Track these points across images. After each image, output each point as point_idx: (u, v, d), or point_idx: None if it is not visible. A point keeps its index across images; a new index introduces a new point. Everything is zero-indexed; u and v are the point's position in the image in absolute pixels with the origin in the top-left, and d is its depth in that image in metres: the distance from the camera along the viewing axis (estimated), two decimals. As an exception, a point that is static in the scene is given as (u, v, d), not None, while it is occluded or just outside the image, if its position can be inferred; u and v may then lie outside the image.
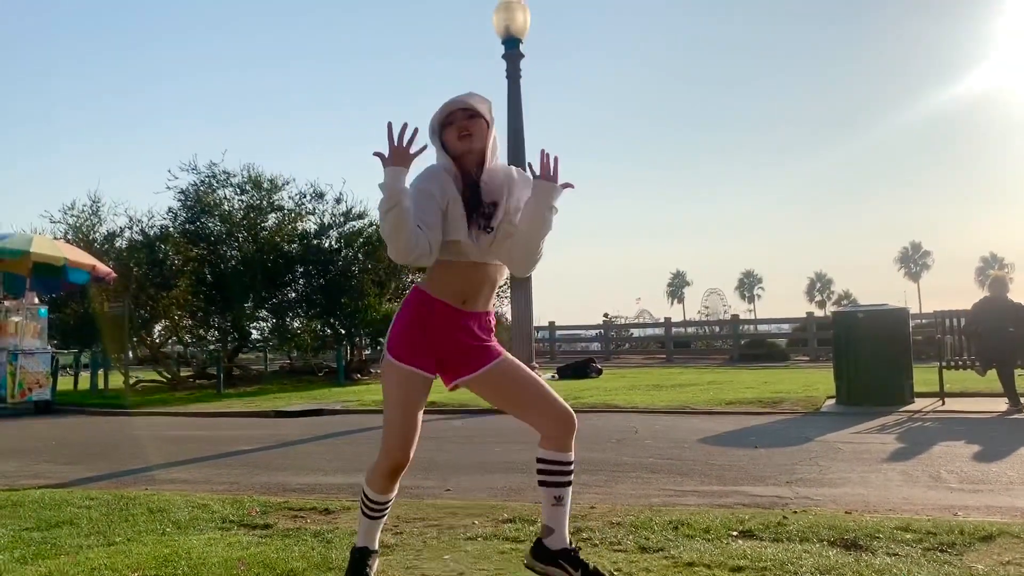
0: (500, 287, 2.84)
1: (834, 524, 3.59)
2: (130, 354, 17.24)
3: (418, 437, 2.72)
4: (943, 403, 8.85)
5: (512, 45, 10.50)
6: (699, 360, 22.48)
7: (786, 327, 25.58)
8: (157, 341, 19.30)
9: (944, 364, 9.10)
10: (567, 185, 2.65)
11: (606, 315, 38.94)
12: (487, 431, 8.31)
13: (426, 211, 2.54)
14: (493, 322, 2.82)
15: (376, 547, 2.92)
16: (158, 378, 18.35)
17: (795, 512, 3.96)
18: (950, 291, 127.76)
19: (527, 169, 2.74)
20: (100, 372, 18.28)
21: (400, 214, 2.44)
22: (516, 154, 10.60)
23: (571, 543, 2.77)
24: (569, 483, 2.74)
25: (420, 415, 2.73)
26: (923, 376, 9.66)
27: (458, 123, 2.63)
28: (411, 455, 2.72)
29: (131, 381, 16.42)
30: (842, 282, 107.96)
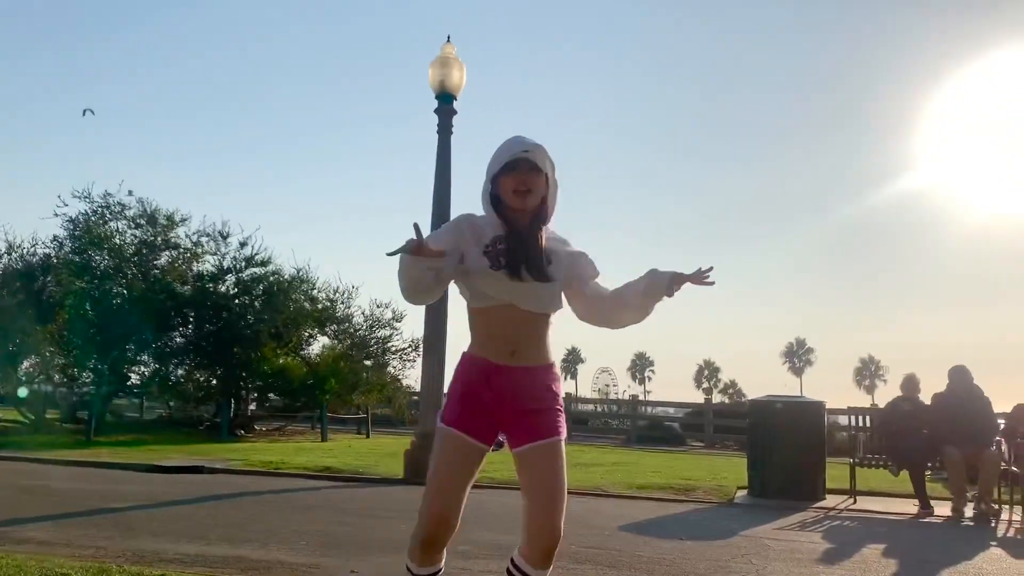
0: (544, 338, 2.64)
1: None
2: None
3: (460, 512, 2.49)
4: (855, 501, 8.72)
5: (446, 100, 10.19)
6: (597, 439, 22.15)
7: (673, 410, 25.74)
8: (23, 378, 17.75)
9: (856, 462, 9.00)
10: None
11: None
12: (389, 504, 7.67)
13: (438, 237, 2.50)
14: (558, 381, 2.60)
15: None
16: (20, 418, 16.84)
17: (750, 621, 3.56)
18: (830, 388, 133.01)
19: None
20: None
21: (406, 260, 2.39)
22: (441, 204, 10.20)
23: None
24: None
25: (464, 488, 2.51)
26: (829, 472, 9.52)
27: (519, 174, 2.50)
28: (450, 528, 2.48)
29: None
30: (729, 371, 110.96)
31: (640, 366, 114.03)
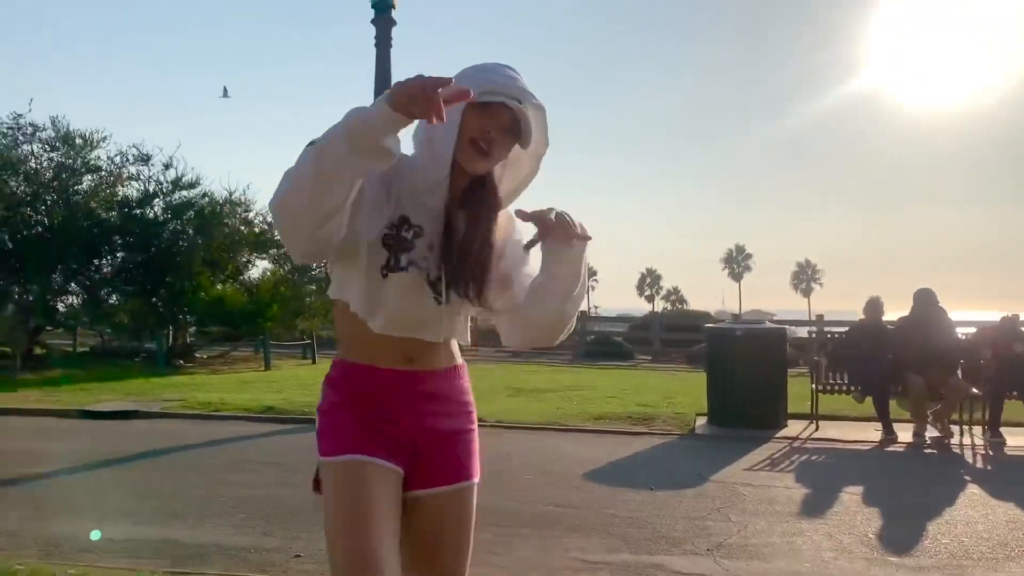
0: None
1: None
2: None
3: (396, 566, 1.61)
4: (817, 428, 8.54)
5: (383, 9, 9.33)
6: (544, 355, 21.95)
7: (620, 326, 25.78)
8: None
9: (820, 388, 8.79)
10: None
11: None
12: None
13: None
14: (468, 386, 1.88)
15: None
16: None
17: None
18: (767, 292, 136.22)
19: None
20: None
21: (332, 160, 1.48)
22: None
23: None
24: None
25: (391, 532, 1.64)
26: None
27: (492, 125, 1.64)
28: None
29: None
30: (671, 278, 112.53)
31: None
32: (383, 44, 9.51)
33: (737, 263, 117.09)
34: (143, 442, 7.52)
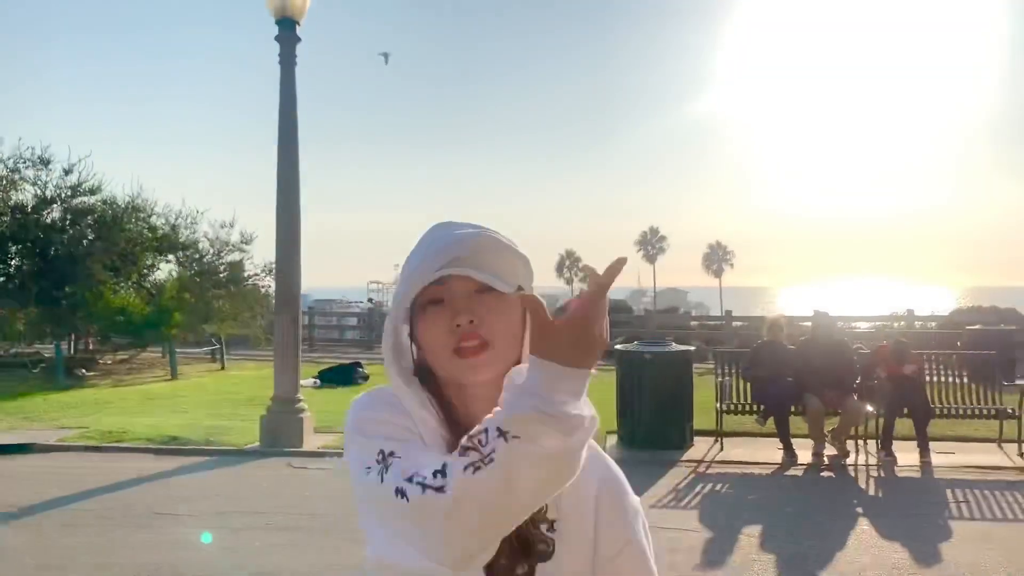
0: None
1: None
2: None
3: None
4: (722, 448, 8.78)
5: (288, 26, 9.07)
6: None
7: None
8: None
9: (724, 408, 9.03)
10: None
11: (375, 286, 34.72)
12: (242, 496, 7.01)
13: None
14: None
15: None
16: None
17: None
18: (681, 272, 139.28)
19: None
20: None
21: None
22: (287, 143, 9.23)
23: None
24: None
25: None
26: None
27: (452, 303, 1.10)
28: None
29: None
30: (589, 260, 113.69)
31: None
32: (287, 61, 9.27)
33: (652, 244, 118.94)
34: (35, 489, 7.18)
